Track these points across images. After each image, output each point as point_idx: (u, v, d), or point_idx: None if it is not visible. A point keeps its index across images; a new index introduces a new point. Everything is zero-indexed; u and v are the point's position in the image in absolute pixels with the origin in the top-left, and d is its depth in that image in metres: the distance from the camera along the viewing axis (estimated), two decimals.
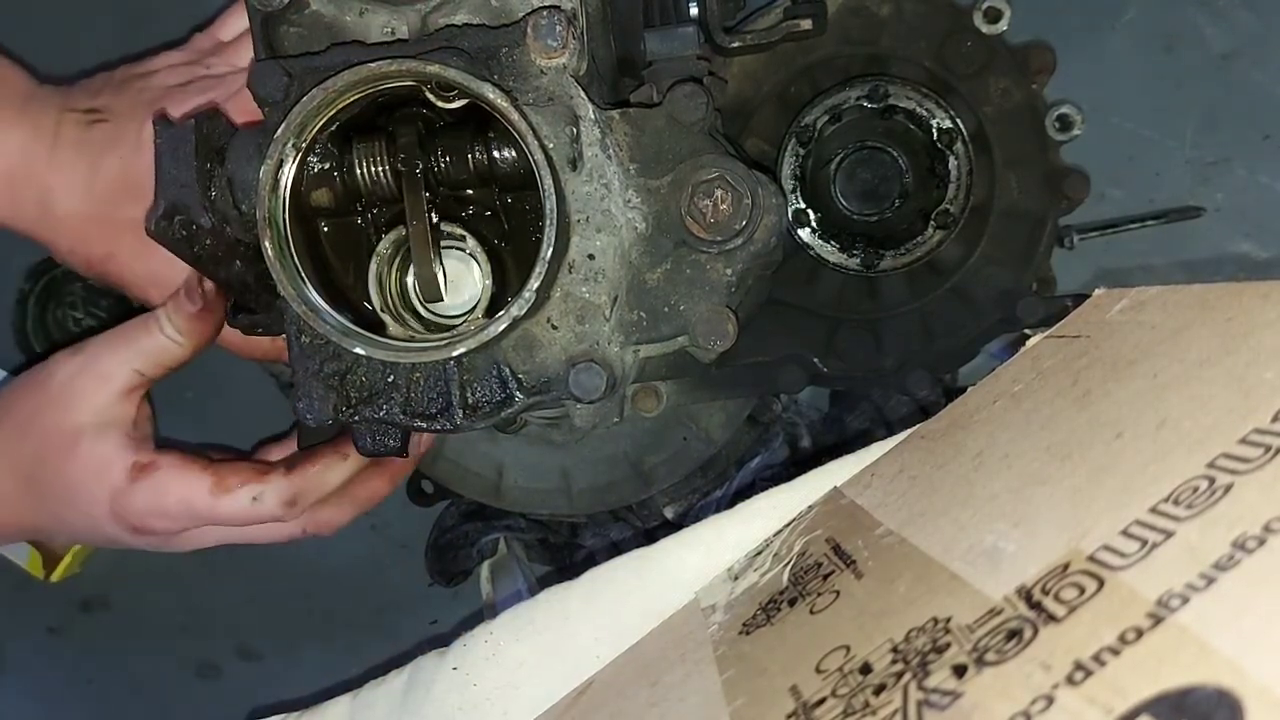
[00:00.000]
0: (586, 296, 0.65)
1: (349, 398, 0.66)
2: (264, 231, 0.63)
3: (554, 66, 0.63)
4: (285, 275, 0.63)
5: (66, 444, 0.81)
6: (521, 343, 0.65)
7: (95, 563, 1.23)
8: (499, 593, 1.02)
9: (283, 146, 0.63)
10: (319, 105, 0.63)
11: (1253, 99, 1.09)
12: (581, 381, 0.65)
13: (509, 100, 0.61)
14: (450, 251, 0.69)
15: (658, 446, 0.93)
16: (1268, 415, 0.42)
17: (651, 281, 0.67)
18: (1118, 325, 0.60)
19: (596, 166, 0.65)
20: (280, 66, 0.65)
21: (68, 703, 1.24)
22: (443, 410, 0.66)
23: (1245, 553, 0.36)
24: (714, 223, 0.65)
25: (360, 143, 0.66)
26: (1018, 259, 0.91)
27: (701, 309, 0.66)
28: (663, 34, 0.78)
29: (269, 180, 0.63)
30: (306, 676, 1.14)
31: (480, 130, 0.66)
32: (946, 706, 0.41)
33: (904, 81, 0.90)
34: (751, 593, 0.65)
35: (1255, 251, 1.08)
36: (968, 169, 0.90)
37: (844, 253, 0.92)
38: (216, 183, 0.67)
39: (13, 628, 1.24)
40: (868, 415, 0.97)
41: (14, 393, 0.85)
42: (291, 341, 0.67)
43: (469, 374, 0.66)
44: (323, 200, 0.67)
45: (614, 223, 0.65)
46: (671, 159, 0.66)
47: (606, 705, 0.66)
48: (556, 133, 0.63)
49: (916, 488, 0.62)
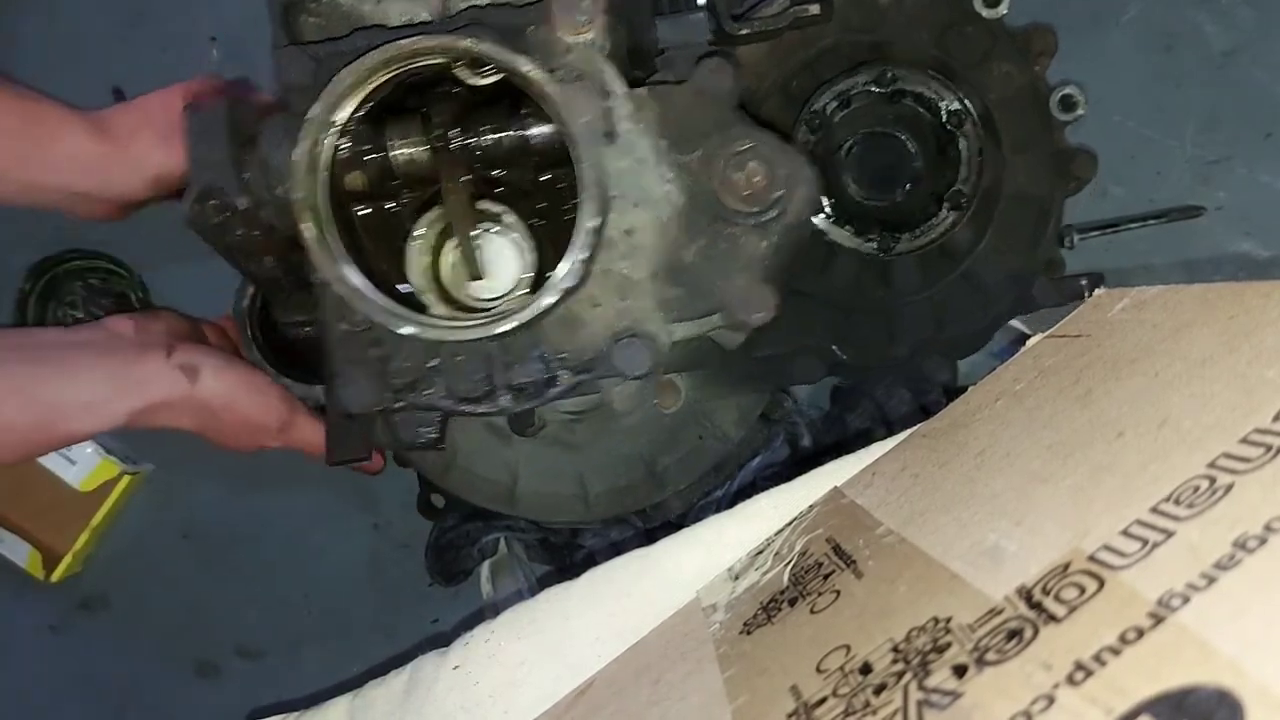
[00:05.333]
0: (626, 272, 0.65)
1: (391, 385, 0.65)
2: (302, 214, 0.62)
3: (582, 42, 0.63)
4: (326, 257, 0.62)
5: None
6: (563, 321, 0.65)
7: (95, 563, 1.23)
8: (499, 592, 1.02)
9: (317, 126, 0.62)
10: (353, 83, 0.62)
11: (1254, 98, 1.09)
12: (627, 356, 0.64)
13: (544, 72, 0.61)
14: (485, 236, 0.69)
15: (672, 446, 0.92)
16: (1269, 414, 0.42)
17: (687, 258, 0.66)
18: (1119, 324, 0.60)
19: (630, 141, 0.64)
20: (305, 52, 0.64)
21: (68, 703, 1.24)
22: (488, 393, 0.65)
23: (1246, 552, 0.36)
24: (748, 194, 0.64)
25: (394, 123, 0.65)
26: (1028, 241, 0.91)
27: (739, 283, 0.65)
28: (673, 21, 0.77)
29: (305, 161, 0.62)
30: (306, 676, 1.15)
31: (514, 107, 0.65)
32: (947, 706, 0.41)
33: (910, 65, 0.90)
34: (752, 592, 0.65)
35: (1256, 250, 1.08)
36: (978, 149, 0.89)
37: (859, 237, 0.91)
38: (250, 166, 0.66)
39: (13, 628, 1.24)
40: (868, 414, 0.96)
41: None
42: (330, 330, 0.66)
43: (512, 355, 0.65)
44: (357, 183, 0.66)
45: (651, 197, 0.65)
46: (700, 133, 0.65)
47: (607, 704, 0.66)
48: (590, 107, 0.62)
49: (917, 487, 0.62)
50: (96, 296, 1.21)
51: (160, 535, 1.23)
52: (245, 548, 1.23)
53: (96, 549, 1.22)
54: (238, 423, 0.80)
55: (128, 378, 0.76)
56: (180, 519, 1.23)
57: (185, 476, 1.23)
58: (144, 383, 0.76)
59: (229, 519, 1.23)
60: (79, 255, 1.21)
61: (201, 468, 1.21)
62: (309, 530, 1.23)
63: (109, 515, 1.20)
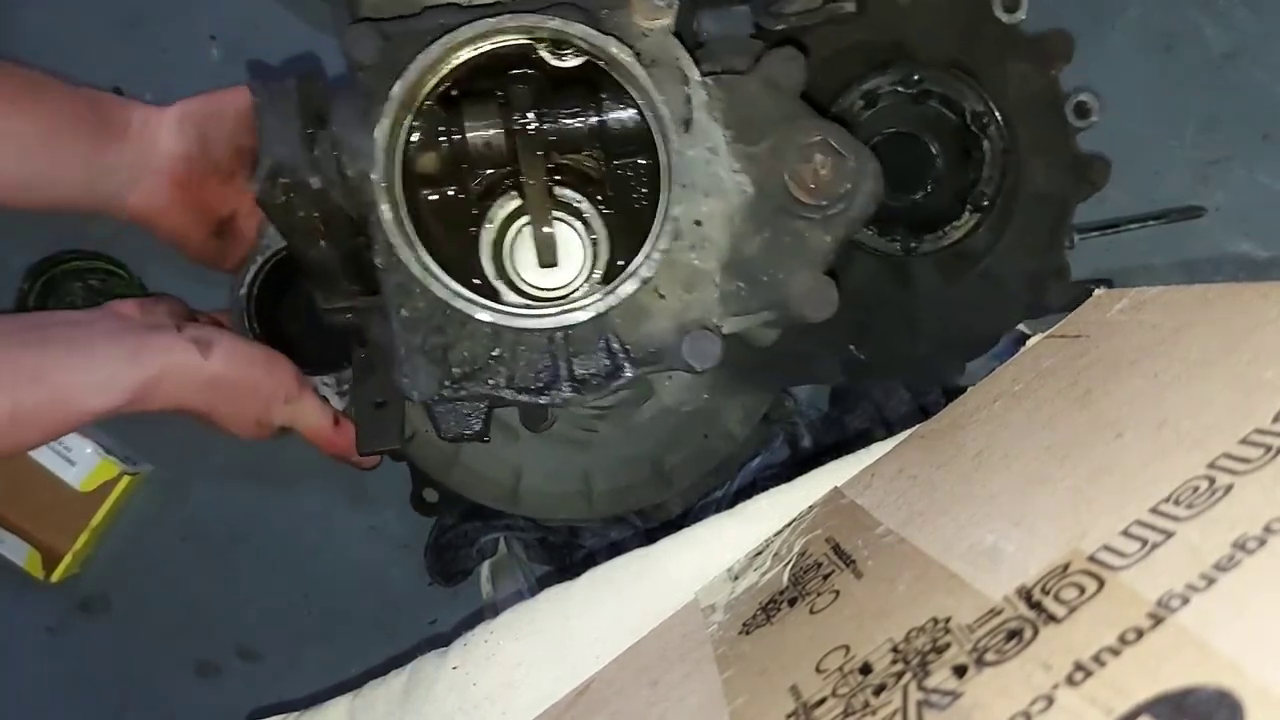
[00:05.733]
0: (695, 263, 0.64)
1: (452, 373, 0.64)
2: (381, 195, 0.61)
3: (658, 28, 0.62)
4: (403, 240, 0.61)
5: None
6: (629, 312, 0.64)
7: (95, 563, 1.23)
8: (499, 593, 1.02)
9: (399, 106, 0.61)
10: (436, 61, 0.61)
11: (1253, 99, 1.09)
12: (697, 350, 0.63)
13: (633, 55, 0.60)
14: (557, 224, 0.67)
15: (678, 445, 0.92)
16: (1268, 415, 0.42)
17: (749, 251, 0.65)
18: (1118, 325, 0.60)
19: (703, 130, 0.63)
20: (375, 29, 0.63)
21: (68, 703, 1.24)
22: (549, 384, 0.64)
23: (1246, 553, 0.36)
24: (814, 187, 0.64)
25: (470, 104, 0.64)
26: (1043, 244, 0.91)
27: (802, 278, 0.65)
28: (716, 13, 0.77)
29: (385, 141, 0.61)
30: (306, 676, 1.14)
31: (591, 91, 0.64)
32: (946, 706, 0.41)
33: (933, 66, 0.90)
34: (751, 592, 0.65)
35: (1255, 251, 1.08)
36: (1001, 150, 0.90)
37: (883, 237, 0.91)
38: (320, 144, 0.65)
39: (13, 628, 1.24)
40: (868, 415, 0.97)
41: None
42: (392, 316, 0.65)
43: (576, 346, 0.64)
44: (429, 166, 0.65)
45: (721, 187, 0.64)
46: (767, 124, 0.64)
47: (607, 705, 0.66)
48: (672, 92, 0.62)
49: (916, 487, 0.62)
50: (96, 297, 1.21)
51: (160, 535, 1.22)
52: (245, 548, 1.23)
53: (96, 549, 1.22)
54: (248, 394, 0.79)
55: (141, 348, 0.75)
56: (180, 519, 1.23)
57: (185, 476, 1.23)
58: (158, 351, 0.75)
59: (229, 519, 1.23)
60: (79, 255, 1.21)
61: (201, 468, 1.21)
62: (309, 530, 1.23)
63: (109, 515, 1.20)
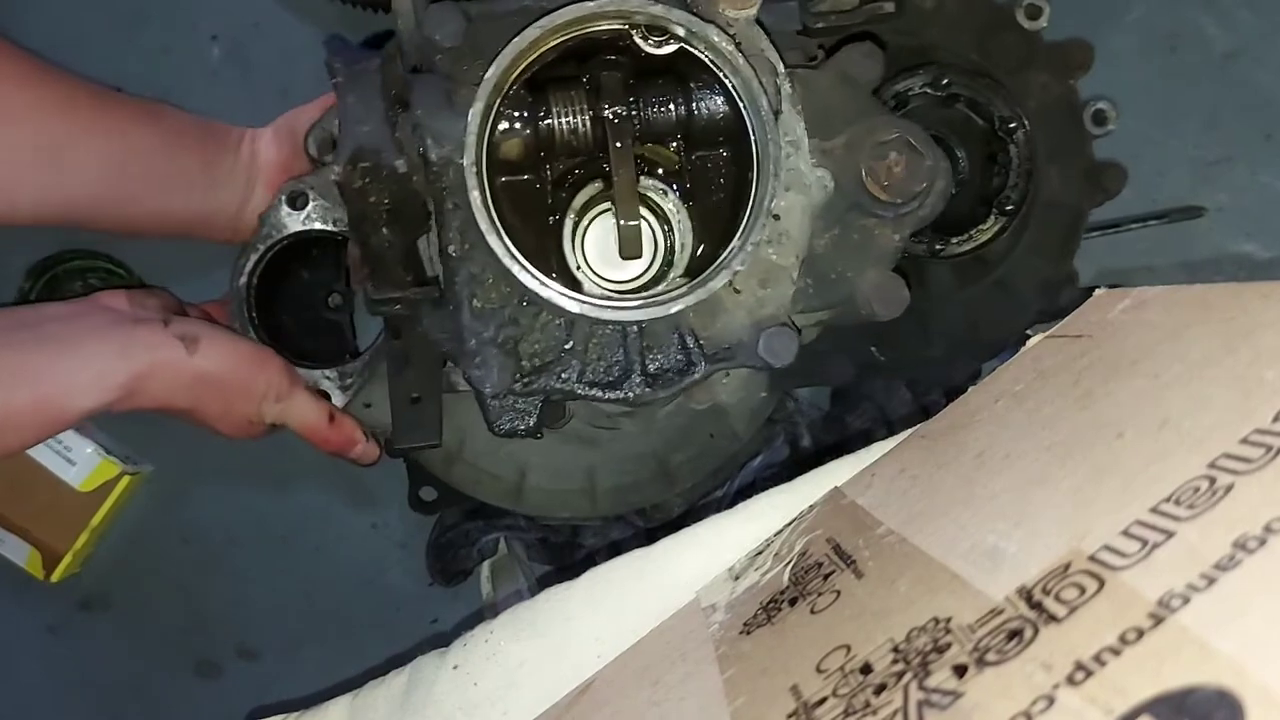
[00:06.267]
0: (773, 259, 0.63)
1: (522, 366, 0.63)
2: (471, 180, 0.60)
3: (744, 17, 0.61)
4: (490, 226, 0.60)
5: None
6: (703, 307, 0.63)
7: (95, 563, 1.23)
8: (499, 592, 1.02)
9: (492, 90, 0.60)
10: (531, 45, 0.60)
11: (1255, 99, 1.09)
12: (774, 346, 0.62)
13: (734, 44, 0.59)
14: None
15: (684, 443, 0.91)
16: (1269, 415, 0.42)
17: (819, 247, 0.64)
18: (1119, 325, 0.60)
19: (788, 122, 0.63)
20: (459, 9, 0.62)
21: (68, 703, 1.24)
22: (622, 378, 0.63)
23: (1246, 553, 0.36)
24: (888, 185, 0.63)
25: (558, 90, 0.63)
26: (1057, 251, 0.91)
27: (871, 275, 0.64)
28: (765, 9, 0.77)
29: (478, 125, 0.60)
30: (306, 676, 1.14)
31: (679, 81, 0.64)
32: (947, 706, 0.41)
33: (960, 69, 0.90)
34: (752, 592, 0.65)
35: (1257, 251, 1.08)
36: (1027, 155, 0.90)
37: (910, 238, 0.92)
38: (402, 127, 0.63)
39: (13, 628, 1.24)
40: (868, 415, 0.97)
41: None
42: (464, 307, 0.64)
43: (650, 340, 0.63)
44: (512, 153, 0.64)
45: (803, 181, 0.63)
46: (841, 120, 0.64)
47: (607, 704, 0.66)
48: (765, 82, 0.61)
49: (917, 487, 0.62)
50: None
51: (160, 535, 1.23)
52: (245, 547, 1.23)
53: (96, 549, 1.22)
54: (236, 391, 0.78)
55: (128, 343, 0.74)
56: (180, 519, 1.23)
57: (185, 477, 1.23)
58: (145, 347, 0.75)
59: (229, 519, 1.23)
60: (79, 255, 1.21)
61: (201, 468, 1.21)
62: (308, 530, 1.23)
63: (109, 515, 1.20)
